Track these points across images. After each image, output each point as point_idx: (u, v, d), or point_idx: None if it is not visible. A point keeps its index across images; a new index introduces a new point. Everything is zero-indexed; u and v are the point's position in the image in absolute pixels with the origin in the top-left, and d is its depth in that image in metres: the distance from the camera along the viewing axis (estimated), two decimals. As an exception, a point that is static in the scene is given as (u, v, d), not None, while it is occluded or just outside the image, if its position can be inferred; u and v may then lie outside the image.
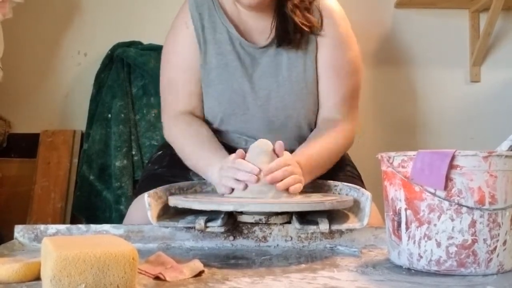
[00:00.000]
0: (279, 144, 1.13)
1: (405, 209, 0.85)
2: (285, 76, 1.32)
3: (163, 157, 1.39)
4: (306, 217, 1.05)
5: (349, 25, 1.39)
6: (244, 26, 1.35)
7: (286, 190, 1.07)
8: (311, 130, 1.36)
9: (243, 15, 1.35)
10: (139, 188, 1.36)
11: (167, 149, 1.40)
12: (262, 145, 1.10)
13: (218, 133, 1.35)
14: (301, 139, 1.34)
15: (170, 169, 1.33)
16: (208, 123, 1.37)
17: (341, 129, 1.33)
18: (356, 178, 1.38)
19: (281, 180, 1.07)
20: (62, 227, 1.04)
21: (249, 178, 1.07)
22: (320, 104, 1.36)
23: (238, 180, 1.08)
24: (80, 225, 1.05)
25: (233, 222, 1.03)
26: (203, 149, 1.26)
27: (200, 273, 0.80)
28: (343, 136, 1.33)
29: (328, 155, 1.28)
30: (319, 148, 1.27)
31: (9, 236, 1.04)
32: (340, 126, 1.33)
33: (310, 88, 1.34)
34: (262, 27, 1.34)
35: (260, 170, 1.07)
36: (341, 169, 1.36)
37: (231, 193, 1.09)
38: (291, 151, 1.23)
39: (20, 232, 1.03)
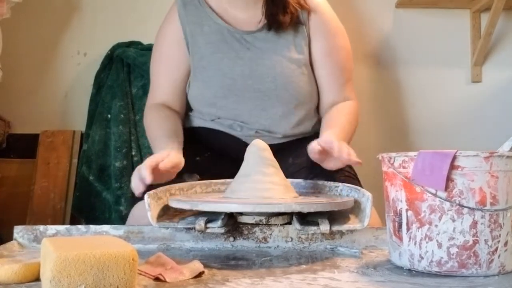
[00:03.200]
0: (324, 142, 1.18)
1: (406, 210, 0.84)
2: (276, 58, 1.38)
3: None
4: (306, 218, 1.04)
5: (334, 14, 1.49)
6: (231, 17, 1.43)
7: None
8: (303, 111, 1.42)
9: (229, 8, 1.42)
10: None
11: None
12: (259, 144, 1.10)
13: (212, 123, 1.41)
14: (290, 120, 1.40)
15: None
16: (200, 112, 1.43)
17: (354, 105, 1.46)
18: (353, 178, 1.38)
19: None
20: (61, 227, 1.04)
21: (136, 188, 1.08)
22: (324, 92, 1.45)
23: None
24: (79, 226, 1.04)
25: (233, 223, 1.03)
26: (159, 141, 1.32)
27: (200, 274, 0.80)
28: (356, 111, 1.45)
29: (351, 130, 1.40)
30: (347, 125, 1.37)
31: (9, 237, 1.03)
32: (351, 103, 1.45)
33: (302, 69, 1.40)
34: (250, 16, 1.42)
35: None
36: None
37: (139, 193, 1.08)
38: (281, 130, 1.37)
39: (19, 232, 1.03)
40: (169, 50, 1.46)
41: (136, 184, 1.09)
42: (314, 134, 1.49)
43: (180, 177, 1.30)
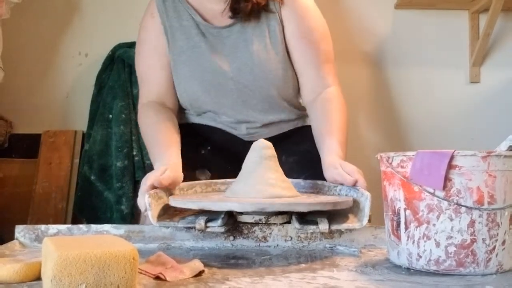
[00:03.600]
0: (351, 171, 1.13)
1: (404, 209, 0.85)
2: (253, 49, 1.38)
3: None
4: (305, 217, 1.05)
5: None
6: (207, 11, 1.43)
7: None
8: (282, 98, 1.43)
9: (205, 1, 1.43)
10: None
11: None
12: (261, 143, 1.11)
13: (195, 117, 1.45)
14: (272, 108, 1.43)
15: None
16: (182, 108, 1.46)
17: (338, 95, 1.39)
18: None
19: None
20: (63, 227, 1.04)
21: (143, 210, 1.06)
22: (302, 76, 1.43)
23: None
24: (81, 225, 1.05)
25: (233, 222, 1.03)
26: (155, 145, 1.30)
27: (200, 273, 0.81)
28: (343, 102, 1.38)
29: (346, 128, 1.34)
30: (342, 129, 1.32)
31: (10, 236, 1.04)
32: (335, 92, 1.39)
33: (279, 57, 1.40)
34: (221, 9, 1.41)
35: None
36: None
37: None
38: (264, 118, 1.41)
39: (21, 232, 1.03)
40: (157, 43, 1.45)
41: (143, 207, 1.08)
42: (302, 127, 1.50)
43: (192, 174, 1.30)
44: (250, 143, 1.14)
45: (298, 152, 1.43)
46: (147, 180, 1.08)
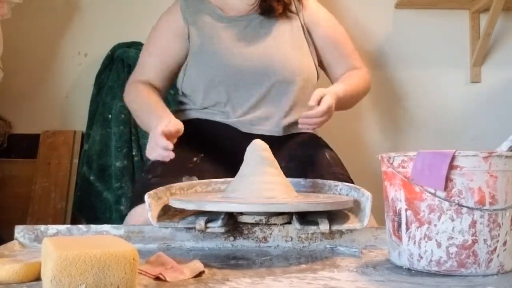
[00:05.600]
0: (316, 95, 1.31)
1: (405, 210, 0.85)
2: (271, 39, 1.49)
3: (156, 166, 1.38)
4: (306, 218, 1.05)
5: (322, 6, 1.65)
6: (230, 5, 1.55)
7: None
8: (300, 88, 1.49)
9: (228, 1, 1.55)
10: (134, 198, 1.36)
11: None
12: (259, 144, 1.10)
13: (204, 112, 1.49)
14: (288, 99, 1.48)
15: (163, 179, 1.31)
16: (193, 101, 1.51)
17: (363, 72, 1.60)
18: (347, 181, 1.38)
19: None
20: (62, 227, 1.04)
21: (167, 156, 1.19)
22: (336, 68, 1.59)
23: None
24: (80, 226, 1.05)
25: (233, 223, 1.03)
26: (154, 108, 1.41)
27: (200, 274, 0.80)
28: (367, 76, 1.61)
29: (358, 92, 1.55)
30: (355, 85, 1.52)
31: (10, 237, 1.04)
32: (361, 70, 1.60)
33: (297, 45, 1.51)
34: (245, 3, 1.53)
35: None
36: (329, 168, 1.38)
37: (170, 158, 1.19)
38: (278, 111, 1.46)
39: (20, 232, 1.03)
40: (166, 35, 1.55)
41: (163, 154, 1.20)
42: (309, 133, 1.51)
43: (179, 179, 1.30)
44: (248, 139, 1.17)
45: (299, 157, 1.42)
46: (157, 129, 1.20)
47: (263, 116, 1.47)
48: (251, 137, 1.26)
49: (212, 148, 1.45)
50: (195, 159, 1.41)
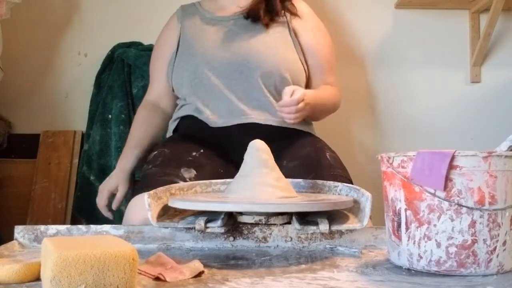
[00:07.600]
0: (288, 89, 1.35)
1: (405, 210, 0.85)
2: (256, 34, 1.53)
3: (157, 157, 1.44)
4: (306, 218, 1.05)
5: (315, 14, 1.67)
6: (219, 8, 1.62)
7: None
8: (289, 81, 1.51)
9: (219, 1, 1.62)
10: (135, 187, 1.44)
11: (162, 148, 1.47)
12: (259, 144, 1.10)
13: (196, 112, 1.51)
14: (277, 91, 1.49)
15: (163, 168, 1.37)
16: (185, 99, 1.54)
17: (334, 89, 1.61)
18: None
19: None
20: (62, 227, 1.04)
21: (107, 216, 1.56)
22: (313, 79, 1.60)
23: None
24: (80, 226, 1.05)
25: (233, 223, 1.03)
26: (125, 148, 1.58)
27: (200, 274, 0.80)
28: (338, 94, 1.62)
29: (328, 103, 1.57)
30: (326, 95, 1.56)
31: (9, 237, 1.04)
32: (336, 87, 1.62)
33: (283, 41, 1.54)
34: (236, 5, 1.59)
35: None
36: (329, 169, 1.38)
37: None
38: (270, 101, 1.48)
39: (20, 232, 1.03)
40: (166, 50, 1.62)
41: (104, 213, 1.56)
42: (308, 133, 1.52)
43: (178, 171, 1.32)
44: (244, 131, 1.26)
45: (299, 157, 1.42)
46: (105, 189, 1.54)
47: (257, 106, 1.48)
48: (247, 127, 1.40)
49: (210, 144, 1.48)
50: (194, 153, 1.44)
